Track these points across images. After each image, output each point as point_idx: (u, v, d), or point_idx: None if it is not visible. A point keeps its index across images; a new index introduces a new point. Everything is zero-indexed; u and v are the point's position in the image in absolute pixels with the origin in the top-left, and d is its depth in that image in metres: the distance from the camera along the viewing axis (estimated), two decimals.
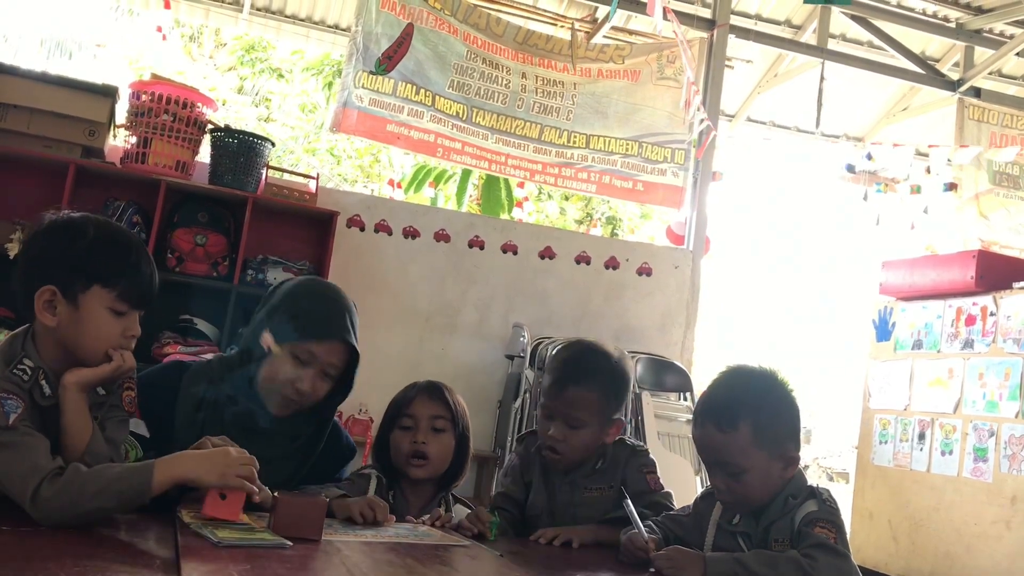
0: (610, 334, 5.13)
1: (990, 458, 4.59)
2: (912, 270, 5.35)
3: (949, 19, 6.78)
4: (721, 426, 1.72)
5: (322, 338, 1.89)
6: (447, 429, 2.12)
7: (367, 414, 4.69)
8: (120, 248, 1.60)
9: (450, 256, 5.29)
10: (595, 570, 1.67)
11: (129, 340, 1.59)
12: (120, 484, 1.42)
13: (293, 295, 1.95)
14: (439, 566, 1.52)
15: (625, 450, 2.08)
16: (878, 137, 7.81)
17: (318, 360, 1.88)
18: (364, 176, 13.55)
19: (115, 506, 1.43)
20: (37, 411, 1.50)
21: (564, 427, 1.99)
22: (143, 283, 1.60)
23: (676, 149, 5.82)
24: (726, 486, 1.74)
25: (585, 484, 2.03)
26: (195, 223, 4.50)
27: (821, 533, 1.63)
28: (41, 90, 4.37)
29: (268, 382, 1.89)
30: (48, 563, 1.17)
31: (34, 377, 1.51)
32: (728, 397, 1.77)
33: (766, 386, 1.79)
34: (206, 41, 14.15)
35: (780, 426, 1.75)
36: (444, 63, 5.44)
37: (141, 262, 1.61)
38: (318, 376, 1.90)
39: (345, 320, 1.93)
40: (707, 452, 1.77)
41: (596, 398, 2.00)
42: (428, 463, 2.08)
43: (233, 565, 1.27)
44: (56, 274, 1.53)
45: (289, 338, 1.87)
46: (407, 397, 2.16)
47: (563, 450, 2.00)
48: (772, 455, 1.72)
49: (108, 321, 1.56)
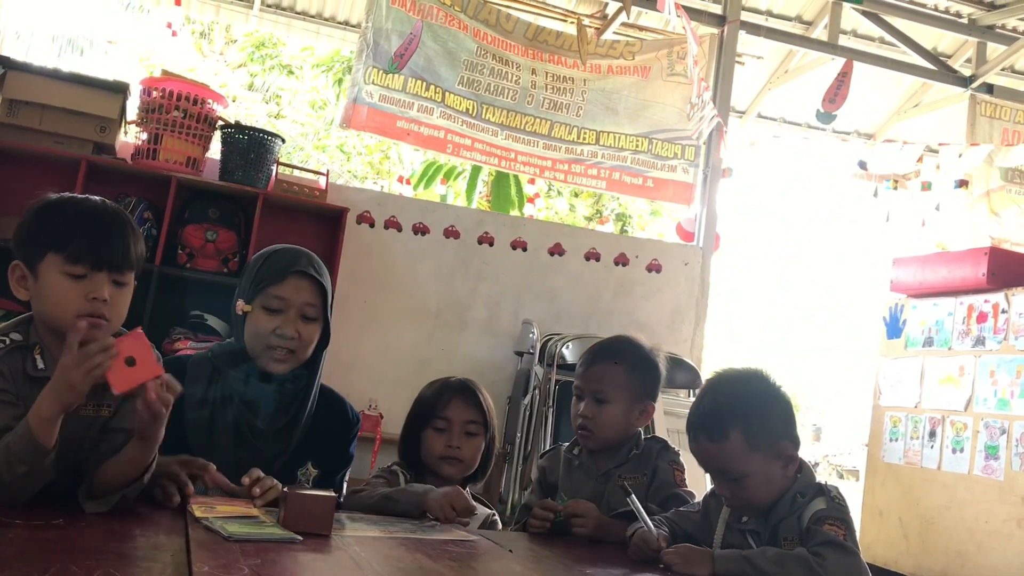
0: (619, 331, 5.07)
1: (1001, 456, 4.57)
2: (923, 267, 5.33)
3: (961, 15, 6.74)
4: (712, 437, 1.73)
5: (282, 278, 1.91)
6: (479, 433, 2.17)
7: (377, 410, 4.70)
8: (69, 213, 1.59)
9: (460, 253, 5.29)
10: (605, 566, 1.67)
11: (94, 303, 1.55)
12: (14, 447, 1.42)
13: (251, 261, 2.01)
14: (449, 562, 1.52)
15: (658, 443, 2.15)
16: (889, 134, 7.77)
17: (289, 303, 1.91)
18: (374, 173, 13.56)
19: (28, 469, 1.42)
20: (27, 381, 1.53)
21: (592, 404, 2.07)
22: (96, 243, 1.56)
23: (686, 145, 5.81)
24: (731, 492, 1.75)
25: (620, 473, 2.06)
26: (206, 219, 4.51)
27: (830, 531, 1.63)
28: (53, 86, 4.38)
29: (254, 341, 1.92)
30: (60, 556, 1.18)
31: (18, 349, 1.55)
32: (714, 406, 1.77)
33: (751, 389, 1.79)
34: (216, 38, 14.19)
35: (771, 426, 1.74)
36: (454, 59, 5.44)
37: (96, 223, 1.58)
38: (297, 319, 1.92)
39: (301, 259, 1.96)
40: (705, 463, 1.78)
41: (621, 373, 2.08)
42: (461, 464, 2.12)
43: (244, 559, 1.28)
44: (19, 250, 1.58)
45: (255, 292, 1.92)
46: (442, 399, 2.18)
47: (592, 427, 2.07)
48: (769, 455, 1.72)
49: (65, 286, 1.54)
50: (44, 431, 1.42)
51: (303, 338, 1.93)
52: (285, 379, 1.94)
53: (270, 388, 1.92)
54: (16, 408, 1.49)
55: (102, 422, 1.58)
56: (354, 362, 4.84)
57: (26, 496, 1.44)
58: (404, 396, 2.28)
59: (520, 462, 4.63)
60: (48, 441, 1.42)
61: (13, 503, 1.42)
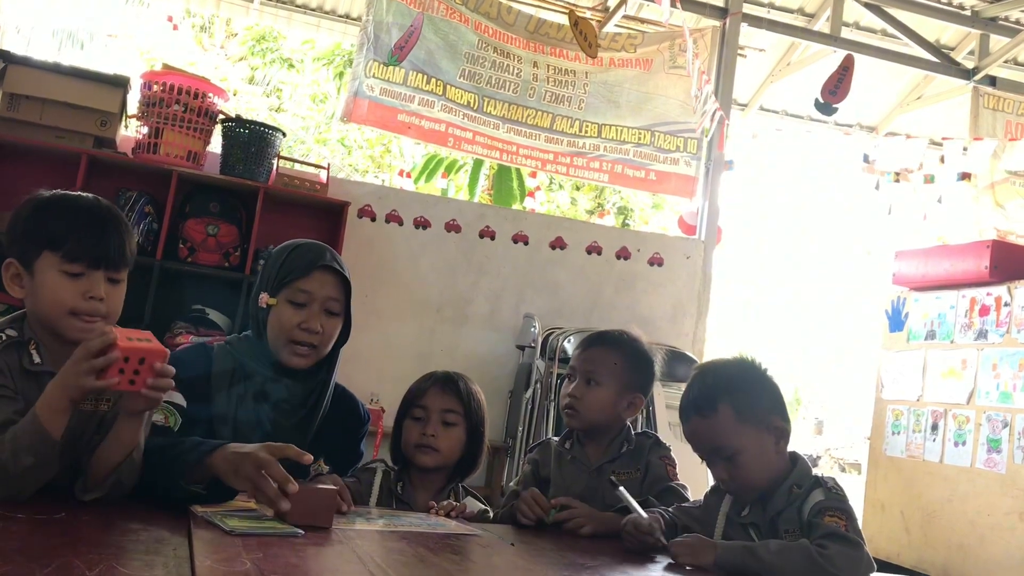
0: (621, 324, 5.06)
1: (1003, 449, 4.57)
2: (926, 260, 5.32)
3: (964, 7, 6.72)
4: (702, 411, 1.77)
5: (308, 272, 1.92)
6: (458, 423, 2.12)
7: (379, 404, 4.70)
8: (65, 211, 1.59)
9: (461, 246, 5.29)
10: (605, 558, 1.67)
11: (90, 302, 1.56)
12: (21, 439, 1.41)
13: (274, 254, 2.01)
14: (450, 555, 1.52)
15: (650, 439, 2.15)
16: (892, 126, 7.76)
17: (314, 296, 1.91)
18: (375, 166, 13.55)
19: (35, 461, 1.41)
20: (24, 376, 1.54)
21: (582, 385, 2.09)
22: (93, 241, 1.56)
23: (689, 138, 5.80)
24: (727, 473, 1.76)
25: (612, 469, 2.06)
26: (207, 213, 4.51)
27: (831, 522, 1.64)
28: (53, 81, 4.38)
29: (277, 333, 1.91)
30: (63, 550, 1.18)
31: (14, 345, 1.55)
32: (702, 385, 1.82)
33: (738, 368, 1.84)
34: (217, 31, 14.16)
35: (760, 400, 1.79)
36: (455, 52, 5.43)
37: (92, 222, 1.58)
38: (321, 313, 1.92)
39: (326, 253, 1.96)
40: (699, 443, 1.81)
41: (614, 358, 2.11)
42: (436, 454, 2.09)
43: (246, 553, 1.28)
44: (14, 247, 1.58)
45: (280, 286, 1.92)
46: (421, 388, 2.16)
47: (579, 407, 2.08)
48: (759, 428, 1.75)
49: (62, 284, 1.55)
50: (53, 422, 1.42)
51: (326, 332, 1.93)
52: (304, 373, 1.94)
53: (290, 382, 1.92)
54: (15, 403, 1.49)
55: (100, 416, 1.59)
56: (356, 356, 4.82)
57: (31, 490, 1.44)
58: (405, 390, 2.27)
59: (522, 456, 4.63)
60: (56, 432, 1.42)
61: (18, 497, 1.42)
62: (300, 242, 2.01)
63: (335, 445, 1.99)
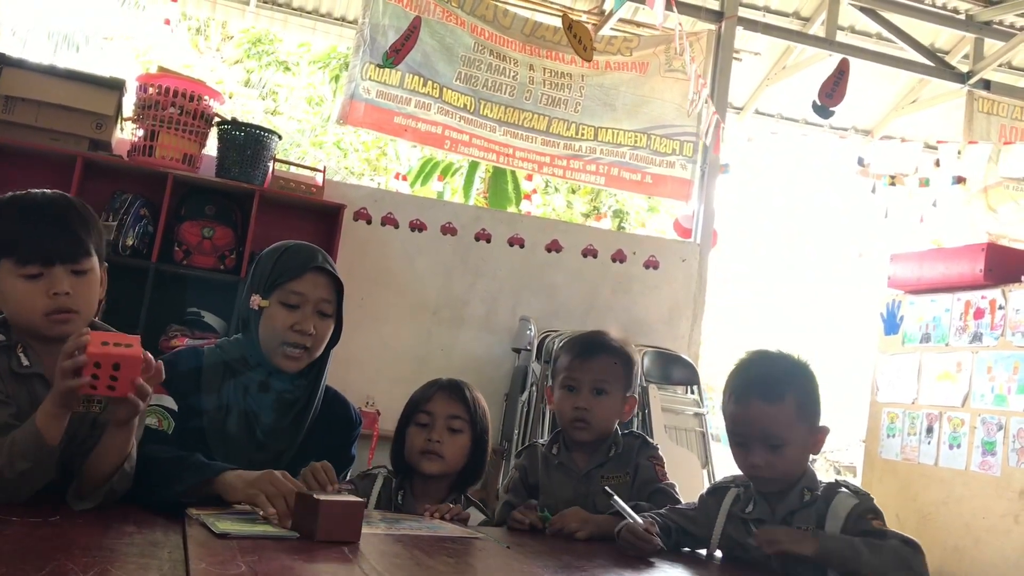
0: (617, 327, 5.11)
1: (998, 452, 4.58)
2: (921, 263, 5.33)
3: (959, 11, 6.74)
4: (769, 398, 1.76)
5: (300, 273, 1.91)
6: (464, 430, 2.11)
7: (374, 407, 4.70)
8: (13, 214, 1.57)
9: (457, 249, 5.28)
10: (601, 561, 1.67)
11: (55, 299, 1.54)
12: (18, 444, 1.41)
13: (264, 255, 2.01)
14: (446, 558, 1.52)
15: (637, 440, 2.15)
16: (887, 130, 7.77)
17: (307, 298, 1.91)
18: (371, 169, 13.54)
19: (30, 466, 1.41)
20: (14, 379, 1.54)
21: (590, 396, 2.08)
22: (43, 239, 1.54)
23: (685, 141, 5.81)
24: (765, 461, 1.75)
25: (602, 474, 2.06)
26: (202, 216, 4.50)
27: (880, 526, 1.67)
28: (48, 83, 4.37)
29: (269, 336, 1.90)
30: (57, 553, 1.18)
31: (3, 348, 1.55)
32: (772, 372, 1.82)
33: (802, 364, 1.85)
34: (213, 34, 14.15)
35: (816, 402, 1.82)
36: (451, 55, 5.44)
37: (40, 219, 1.55)
38: (314, 315, 1.92)
39: (318, 255, 1.96)
40: (749, 426, 1.78)
41: (618, 366, 2.12)
42: (441, 461, 2.07)
43: (241, 556, 1.28)
44: None
45: (272, 288, 1.91)
46: (426, 394, 2.14)
47: (591, 419, 2.08)
48: (809, 430, 1.78)
49: (25, 288, 1.54)
50: (48, 427, 1.41)
51: (318, 334, 1.93)
52: (295, 375, 1.93)
53: (281, 384, 1.92)
54: (8, 407, 1.49)
55: (92, 418, 1.58)
56: (351, 359, 4.83)
57: (26, 494, 1.44)
58: (401, 393, 2.26)
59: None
60: (52, 438, 1.41)
61: (13, 501, 1.42)
62: (291, 243, 2.01)
63: (326, 448, 1.97)
